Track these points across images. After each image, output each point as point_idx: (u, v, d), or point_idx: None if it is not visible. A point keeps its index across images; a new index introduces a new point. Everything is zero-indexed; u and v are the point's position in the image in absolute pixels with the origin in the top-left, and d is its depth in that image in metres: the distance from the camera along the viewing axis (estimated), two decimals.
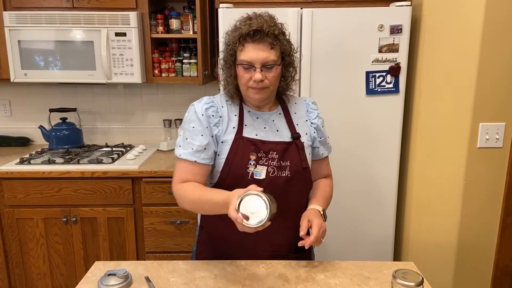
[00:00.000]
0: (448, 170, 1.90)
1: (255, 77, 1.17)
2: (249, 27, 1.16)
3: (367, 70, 1.99)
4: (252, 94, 1.22)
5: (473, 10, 1.71)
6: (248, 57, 1.17)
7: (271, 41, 1.17)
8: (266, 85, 1.20)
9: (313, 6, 2.04)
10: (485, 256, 1.91)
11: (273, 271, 1.19)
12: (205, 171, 1.24)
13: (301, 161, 1.26)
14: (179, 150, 1.25)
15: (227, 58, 1.24)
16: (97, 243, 2.22)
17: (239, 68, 1.20)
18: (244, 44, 1.17)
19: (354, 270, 1.20)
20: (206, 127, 1.23)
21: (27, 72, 2.29)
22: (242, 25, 1.19)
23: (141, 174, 2.14)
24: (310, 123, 1.33)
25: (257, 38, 1.16)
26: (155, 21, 2.34)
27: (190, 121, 1.25)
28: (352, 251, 2.18)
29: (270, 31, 1.16)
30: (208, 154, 1.23)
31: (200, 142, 1.22)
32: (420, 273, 1.07)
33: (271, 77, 1.19)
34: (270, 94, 1.24)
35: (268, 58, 1.17)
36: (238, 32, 1.18)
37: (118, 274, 1.10)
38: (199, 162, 1.22)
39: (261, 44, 1.17)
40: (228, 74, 1.26)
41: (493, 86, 1.74)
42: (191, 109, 1.27)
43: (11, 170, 2.12)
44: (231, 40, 1.21)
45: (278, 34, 1.19)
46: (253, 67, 1.17)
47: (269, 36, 1.16)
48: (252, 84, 1.20)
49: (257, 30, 1.15)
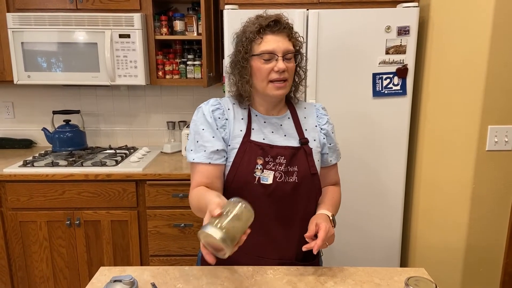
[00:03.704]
0: (456, 173, 1.87)
1: (278, 66, 1.16)
2: (267, 19, 1.18)
3: (374, 72, 1.97)
4: (272, 90, 1.19)
5: (482, 11, 1.68)
6: (269, 46, 1.17)
7: (288, 33, 1.20)
8: (287, 76, 1.19)
9: (319, 7, 2.02)
10: (494, 260, 1.88)
11: (281, 277, 1.17)
12: (220, 172, 1.22)
13: (310, 167, 1.23)
14: (192, 155, 1.22)
15: (240, 57, 1.20)
16: (100, 246, 2.20)
17: (258, 61, 1.18)
18: (263, 36, 1.18)
19: (364, 277, 1.18)
20: (216, 129, 1.22)
21: (30, 74, 2.27)
22: (259, 20, 1.19)
23: (145, 177, 2.13)
24: (319, 128, 1.30)
25: (277, 28, 1.18)
26: (159, 22, 2.32)
27: (199, 124, 1.23)
28: (359, 254, 2.16)
29: (288, 24, 1.20)
30: (221, 154, 1.21)
31: (211, 143, 1.20)
32: (432, 280, 1.05)
33: (290, 68, 1.19)
34: (288, 89, 1.23)
35: (288, 48, 1.18)
36: (257, 24, 1.18)
37: (124, 280, 1.08)
38: (214, 163, 1.20)
39: (280, 35, 1.18)
40: (243, 73, 1.21)
41: (502, 88, 1.71)
42: (199, 111, 1.25)
43: (14, 172, 2.11)
44: (246, 36, 1.19)
45: (292, 28, 1.22)
46: (274, 57, 1.17)
47: (286, 28, 1.20)
48: (273, 76, 1.18)
49: (277, 20, 1.17)
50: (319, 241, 1.11)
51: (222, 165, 1.22)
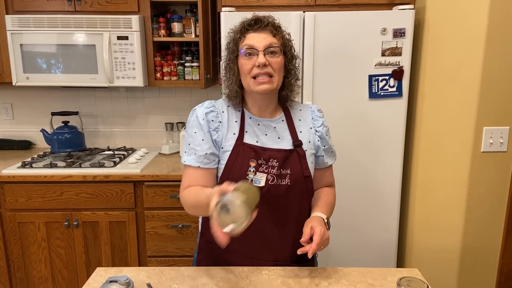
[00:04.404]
0: (451, 174, 1.88)
1: (258, 60, 1.16)
2: (250, 19, 1.21)
3: (370, 74, 1.98)
4: (255, 86, 1.18)
5: (477, 13, 1.70)
6: (250, 42, 1.18)
7: (272, 30, 1.20)
8: (270, 72, 1.18)
9: (316, 10, 2.03)
10: (489, 261, 1.89)
11: (276, 278, 1.18)
12: (210, 176, 1.23)
13: (303, 169, 1.24)
14: (184, 157, 1.25)
15: (229, 58, 1.24)
16: (99, 247, 2.21)
17: (241, 58, 1.20)
18: (246, 35, 1.20)
19: (358, 277, 1.19)
20: (207, 132, 1.23)
21: (29, 76, 2.29)
22: (242, 21, 1.22)
23: (143, 178, 2.14)
24: (314, 131, 1.30)
25: (258, 26, 1.20)
26: (157, 24, 2.33)
27: (192, 127, 1.25)
28: (355, 255, 2.17)
29: (270, 22, 1.21)
30: (210, 158, 1.22)
31: (201, 147, 1.22)
32: (425, 280, 1.06)
33: (274, 63, 1.18)
34: (274, 86, 1.20)
35: (271, 42, 1.19)
36: (240, 26, 1.22)
37: (120, 281, 1.09)
38: (203, 167, 1.22)
39: (263, 32, 1.20)
40: (231, 72, 1.24)
41: (497, 90, 1.73)
42: (193, 114, 1.27)
43: (13, 174, 2.12)
44: (231, 37, 1.23)
45: (279, 27, 1.23)
46: (256, 52, 1.17)
47: (270, 25, 1.20)
48: (255, 72, 1.17)
49: (258, 19, 1.20)
50: (314, 245, 1.11)
51: (213, 168, 1.23)
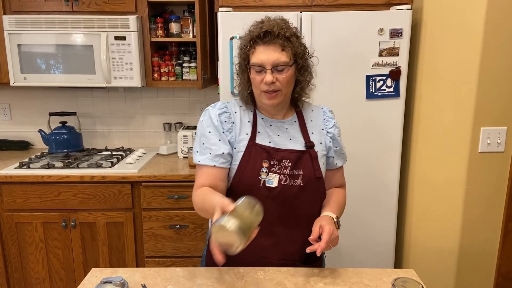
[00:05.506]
0: (449, 174, 1.88)
1: (266, 78, 1.16)
2: (260, 29, 1.17)
3: (367, 74, 1.98)
4: (264, 99, 1.21)
5: (474, 13, 1.69)
6: (258, 59, 1.17)
7: (282, 43, 1.16)
8: (278, 87, 1.18)
9: (313, 10, 2.03)
10: (487, 262, 1.89)
11: (271, 278, 1.18)
12: (224, 175, 1.23)
13: (315, 170, 1.24)
14: (197, 157, 1.25)
15: (240, 63, 1.24)
16: (96, 247, 2.21)
17: (252, 71, 1.20)
18: (255, 47, 1.18)
19: (354, 278, 1.19)
20: (222, 132, 1.24)
21: (26, 76, 2.29)
22: (254, 28, 1.19)
23: (141, 178, 2.13)
24: (326, 132, 1.31)
25: (267, 39, 1.16)
26: (155, 24, 2.33)
27: (206, 126, 1.25)
28: (353, 256, 2.17)
29: (281, 33, 1.16)
30: (227, 158, 1.23)
31: (217, 146, 1.22)
32: (420, 281, 1.06)
33: (282, 79, 1.18)
34: (283, 98, 1.21)
35: (279, 60, 1.16)
36: (249, 35, 1.19)
37: (114, 281, 1.09)
38: (218, 166, 1.22)
39: (271, 46, 1.16)
40: (242, 79, 1.26)
41: (494, 90, 1.72)
42: (206, 114, 1.27)
43: (10, 174, 2.12)
44: (243, 44, 1.21)
45: (290, 36, 1.18)
46: (264, 69, 1.17)
47: (279, 38, 1.16)
48: (263, 87, 1.18)
49: (267, 31, 1.16)
50: (322, 243, 1.11)
51: (227, 168, 1.24)
